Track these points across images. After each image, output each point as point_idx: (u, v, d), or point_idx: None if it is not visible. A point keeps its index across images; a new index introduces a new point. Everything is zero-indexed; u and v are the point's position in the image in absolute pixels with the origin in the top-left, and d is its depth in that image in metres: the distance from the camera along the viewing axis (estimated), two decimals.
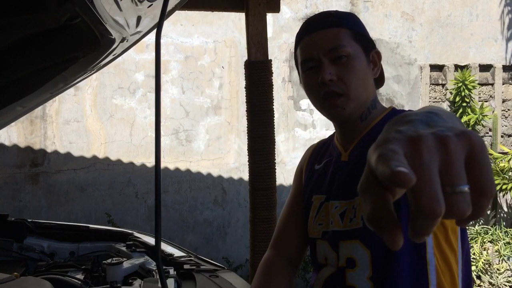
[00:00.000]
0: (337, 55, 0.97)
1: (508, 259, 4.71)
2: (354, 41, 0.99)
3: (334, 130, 1.15)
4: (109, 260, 1.64)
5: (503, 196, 5.15)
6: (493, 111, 5.28)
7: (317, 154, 1.16)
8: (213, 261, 1.78)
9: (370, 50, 1.02)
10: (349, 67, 0.97)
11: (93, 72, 1.45)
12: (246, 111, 2.47)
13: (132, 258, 1.79)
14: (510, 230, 4.97)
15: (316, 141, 1.24)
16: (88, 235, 2.12)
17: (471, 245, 4.71)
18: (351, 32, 0.99)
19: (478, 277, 4.64)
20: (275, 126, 2.47)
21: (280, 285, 1.11)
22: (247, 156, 2.47)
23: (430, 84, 5.20)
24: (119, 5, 0.92)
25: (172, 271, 1.61)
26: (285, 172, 4.77)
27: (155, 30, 1.04)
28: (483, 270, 4.65)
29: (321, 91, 0.98)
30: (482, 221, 5.16)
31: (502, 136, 5.40)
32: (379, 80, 1.06)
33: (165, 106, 4.54)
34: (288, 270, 1.14)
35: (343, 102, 0.97)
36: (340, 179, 1.03)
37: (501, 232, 4.92)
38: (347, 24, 1.00)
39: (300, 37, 1.04)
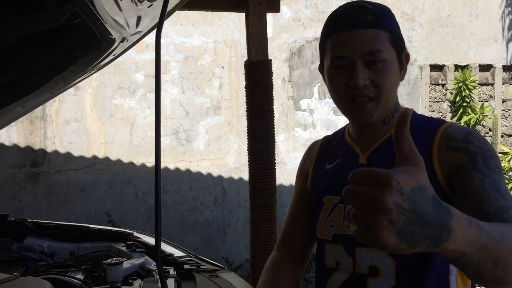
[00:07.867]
0: (372, 60, 0.93)
1: None
2: (390, 45, 0.95)
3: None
4: (109, 260, 1.64)
5: None
6: (493, 111, 5.28)
7: (326, 152, 1.13)
8: (213, 261, 1.78)
9: (401, 52, 0.99)
10: (384, 72, 0.94)
11: (93, 72, 1.45)
12: (246, 111, 2.47)
13: (132, 258, 1.79)
14: None
15: None
16: (88, 235, 2.12)
17: None
18: (389, 35, 0.95)
19: None
20: (275, 126, 2.47)
21: (286, 280, 1.10)
22: (247, 156, 2.47)
23: (430, 84, 5.20)
24: (119, 5, 0.92)
25: (172, 271, 1.61)
26: (285, 172, 4.77)
27: (155, 30, 1.04)
28: None
29: (350, 94, 0.95)
30: None
31: (502, 136, 5.40)
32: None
33: (165, 106, 4.54)
34: (294, 267, 1.14)
35: (373, 107, 0.95)
36: None
37: None
38: (386, 25, 0.95)
39: (334, 30, 0.97)
